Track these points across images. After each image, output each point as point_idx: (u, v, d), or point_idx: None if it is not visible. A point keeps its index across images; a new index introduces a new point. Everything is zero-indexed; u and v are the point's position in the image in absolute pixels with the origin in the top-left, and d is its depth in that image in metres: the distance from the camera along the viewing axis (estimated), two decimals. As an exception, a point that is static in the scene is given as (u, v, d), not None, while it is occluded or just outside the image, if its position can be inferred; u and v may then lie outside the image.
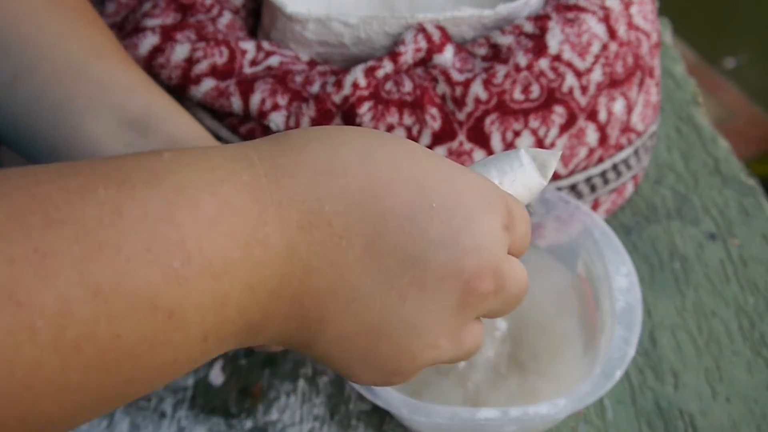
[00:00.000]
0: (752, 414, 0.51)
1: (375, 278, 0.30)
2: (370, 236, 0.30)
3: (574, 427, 0.51)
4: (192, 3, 0.58)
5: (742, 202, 0.64)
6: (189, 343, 0.28)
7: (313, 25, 0.54)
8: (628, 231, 0.62)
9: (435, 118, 0.52)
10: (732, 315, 0.57)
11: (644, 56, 0.56)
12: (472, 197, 0.32)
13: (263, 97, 0.53)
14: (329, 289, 0.30)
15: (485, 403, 0.47)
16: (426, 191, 0.31)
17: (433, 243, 0.31)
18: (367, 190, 0.30)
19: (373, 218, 0.30)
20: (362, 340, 0.31)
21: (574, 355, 0.49)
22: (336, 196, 0.30)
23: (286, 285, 0.29)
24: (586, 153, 0.55)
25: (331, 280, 0.30)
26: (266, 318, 0.30)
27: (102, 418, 0.51)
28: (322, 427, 0.51)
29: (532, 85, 0.52)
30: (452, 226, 0.31)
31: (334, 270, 0.30)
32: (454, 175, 0.32)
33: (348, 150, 0.30)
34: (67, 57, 0.46)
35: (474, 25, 0.54)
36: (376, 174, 0.30)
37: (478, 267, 0.31)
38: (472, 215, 0.31)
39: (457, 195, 0.31)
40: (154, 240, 0.26)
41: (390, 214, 0.30)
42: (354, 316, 0.31)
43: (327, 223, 0.29)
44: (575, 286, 0.52)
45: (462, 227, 0.31)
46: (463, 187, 0.32)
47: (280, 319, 0.30)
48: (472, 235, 0.31)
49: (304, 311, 0.30)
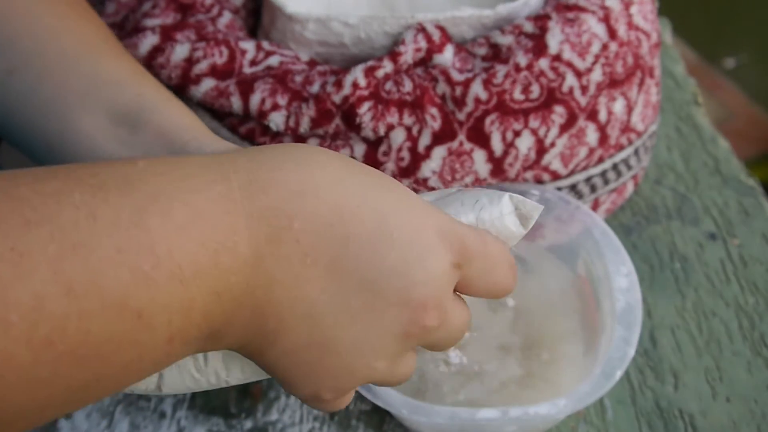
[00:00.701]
0: (752, 414, 0.51)
1: (332, 297, 0.32)
2: (333, 257, 0.32)
3: (574, 427, 0.51)
4: (192, 3, 0.58)
5: (742, 202, 0.64)
6: (155, 344, 0.29)
7: (313, 25, 0.54)
8: (628, 231, 0.62)
9: (435, 118, 0.52)
10: (732, 315, 0.57)
11: (644, 56, 0.56)
12: (430, 233, 0.34)
13: (263, 97, 0.53)
14: (289, 302, 0.32)
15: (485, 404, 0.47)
16: (388, 222, 0.33)
17: (389, 271, 0.32)
18: (336, 213, 0.32)
19: (338, 240, 0.32)
20: (310, 354, 0.33)
21: (575, 354, 0.49)
22: (306, 215, 0.31)
23: (250, 294, 0.31)
24: (586, 153, 0.55)
25: (293, 293, 0.31)
26: (228, 324, 0.31)
27: (102, 418, 0.51)
28: (322, 428, 0.51)
29: (532, 85, 0.52)
30: (407, 257, 0.33)
31: (296, 284, 0.31)
32: (416, 210, 0.34)
33: (322, 173, 0.32)
34: (60, 51, 0.46)
35: (474, 25, 0.54)
36: (345, 200, 0.32)
37: (424, 299, 0.33)
38: (427, 250, 0.33)
39: (416, 229, 0.33)
40: (125, 243, 0.27)
41: (353, 239, 0.32)
42: (307, 331, 0.32)
43: (295, 239, 0.31)
44: (575, 286, 0.52)
45: (416, 260, 0.33)
46: (422, 222, 0.34)
47: (240, 326, 0.32)
48: (423, 268, 0.33)
49: (263, 321, 0.32)
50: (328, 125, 0.52)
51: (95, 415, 0.51)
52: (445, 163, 0.53)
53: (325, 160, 0.33)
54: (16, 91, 0.46)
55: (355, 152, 0.53)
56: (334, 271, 0.32)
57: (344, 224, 0.32)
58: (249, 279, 0.30)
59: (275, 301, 0.31)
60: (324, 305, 0.32)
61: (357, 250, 0.32)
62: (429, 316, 0.34)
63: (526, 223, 0.36)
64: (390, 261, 0.32)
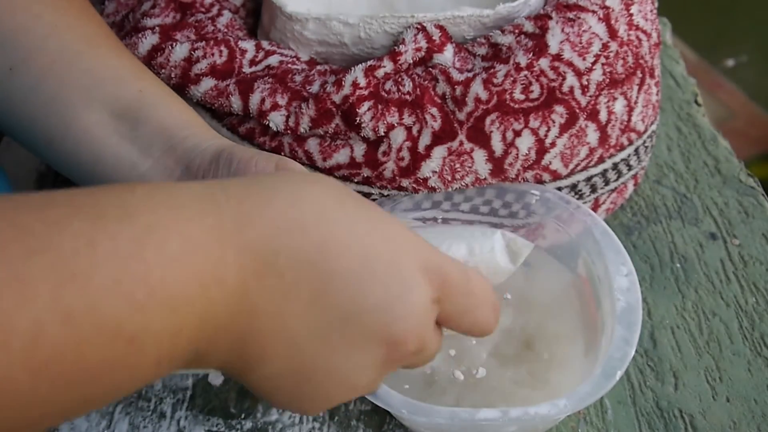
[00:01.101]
0: (752, 414, 0.51)
1: (313, 329, 0.33)
2: (316, 291, 0.33)
3: (574, 427, 0.51)
4: (191, 2, 0.58)
5: (742, 202, 0.64)
6: (144, 366, 0.30)
7: (312, 25, 0.54)
8: (628, 231, 0.62)
9: (435, 118, 0.52)
10: (732, 315, 0.57)
11: (644, 56, 0.56)
12: (412, 270, 0.35)
13: (263, 96, 0.53)
14: (271, 331, 0.33)
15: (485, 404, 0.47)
16: (373, 259, 0.33)
17: (371, 307, 0.33)
18: (321, 250, 0.33)
19: (322, 276, 0.33)
20: (290, 381, 0.35)
21: (575, 355, 0.49)
22: (292, 251, 0.32)
23: (234, 322, 0.32)
24: (587, 153, 0.55)
25: (275, 324, 0.33)
26: (211, 348, 0.32)
27: (102, 419, 0.51)
28: (322, 428, 0.50)
29: (533, 84, 0.52)
30: (389, 294, 0.34)
31: (279, 316, 0.32)
32: (402, 245, 0.35)
33: (311, 209, 0.33)
34: (61, 48, 0.47)
35: (474, 24, 0.54)
36: (332, 236, 0.33)
37: (405, 334, 0.34)
38: (409, 286, 0.34)
39: (400, 265, 0.34)
40: (122, 273, 0.28)
41: (337, 275, 0.33)
42: (288, 359, 0.34)
43: (280, 274, 0.32)
44: (575, 286, 0.52)
45: (398, 296, 0.34)
46: (406, 258, 0.35)
47: (223, 351, 0.33)
48: (405, 304, 0.34)
49: (244, 347, 0.33)
50: (328, 125, 0.52)
51: (95, 415, 0.51)
52: (445, 162, 0.52)
53: (315, 194, 0.34)
54: (17, 88, 0.46)
55: (355, 152, 0.53)
56: (317, 305, 0.33)
57: (329, 260, 0.33)
58: (233, 309, 0.31)
59: (257, 330, 0.32)
60: (305, 336, 0.33)
61: (340, 286, 0.33)
62: (408, 349, 0.35)
63: (516, 259, 0.38)
64: (372, 297, 0.33)
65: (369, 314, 0.33)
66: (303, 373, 0.34)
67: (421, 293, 0.35)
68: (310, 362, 0.34)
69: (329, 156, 0.53)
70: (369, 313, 0.33)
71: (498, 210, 0.55)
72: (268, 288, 0.32)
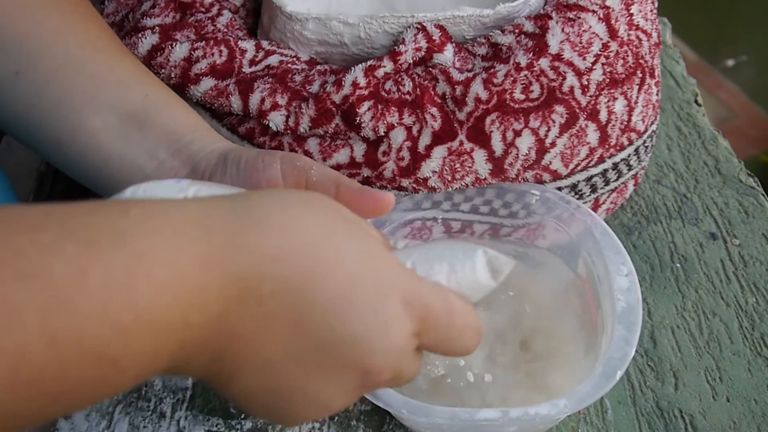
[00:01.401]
0: (752, 414, 0.51)
1: (289, 353, 0.34)
2: (295, 319, 0.33)
3: (574, 427, 0.51)
4: (191, 2, 0.58)
5: (742, 202, 0.64)
6: (124, 383, 0.31)
7: (312, 24, 0.54)
8: (628, 231, 0.62)
9: (435, 118, 0.52)
10: (732, 315, 0.57)
11: (645, 56, 0.56)
12: (394, 304, 0.35)
13: (263, 96, 0.53)
14: (247, 353, 0.33)
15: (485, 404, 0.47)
16: (356, 291, 0.34)
17: (349, 338, 0.34)
18: (304, 279, 0.33)
19: (303, 304, 0.33)
20: (264, 398, 0.35)
21: (575, 355, 0.49)
22: (275, 279, 0.32)
23: (212, 342, 0.32)
24: (587, 152, 0.55)
25: (251, 347, 0.33)
26: (190, 364, 0.33)
27: (102, 419, 0.51)
28: (322, 428, 0.50)
29: (533, 84, 0.52)
30: (368, 327, 0.34)
31: (256, 340, 0.33)
32: (386, 276, 0.35)
33: (298, 238, 0.33)
34: (66, 52, 0.47)
35: (474, 24, 0.54)
36: (316, 266, 0.33)
37: (381, 366, 0.35)
38: (390, 320, 0.35)
39: (382, 298, 0.34)
40: (111, 300, 0.29)
41: (318, 305, 0.33)
42: (262, 379, 0.34)
43: (261, 301, 0.32)
44: (576, 286, 0.52)
45: (377, 329, 0.34)
46: (389, 291, 0.35)
47: (201, 367, 0.34)
48: (383, 338, 0.34)
49: (221, 365, 0.34)
50: (327, 125, 0.52)
51: (95, 415, 0.51)
52: (445, 162, 0.52)
53: (306, 222, 0.34)
54: (23, 93, 0.47)
55: (355, 152, 0.53)
56: (295, 332, 0.33)
57: (310, 291, 0.33)
58: (212, 331, 0.32)
59: (234, 351, 0.33)
60: (280, 360, 0.34)
61: (320, 316, 0.33)
62: (383, 378, 0.36)
63: (497, 276, 0.38)
64: (351, 329, 0.34)
65: (346, 345, 0.34)
66: (278, 392, 0.35)
67: (400, 327, 0.35)
68: (285, 383, 0.35)
69: (329, 156, 0.53)
70: (346, 344, 0.34)
71: (498, 210, 0.55)
72: (248, 314, 0.32)
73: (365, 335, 0.34)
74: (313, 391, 0.35)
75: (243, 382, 0.34)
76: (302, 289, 0.33)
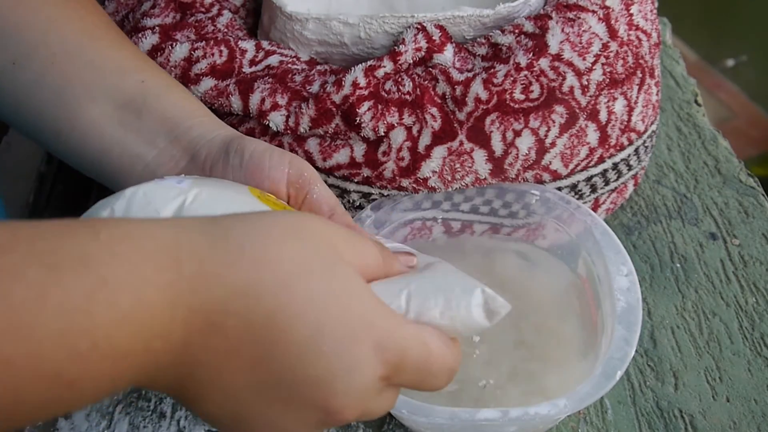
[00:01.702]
0: (752, 414, 0.51)
1: (251, 385, 0.33)
2: (259, 355, 0.33)
3: (574, 427, 0.51)
4: (191, 2, 0.58)
5: (742, 202, 0.64)
6: (82, 402, 0.31)
7: (312, 25, 0.54)
8: (628, 231, 0.62)
9: (435, 118, 0.52)
10: (732, 315, 0.57)
11: (644, 56, 0.56)
12: (365, 347, 0.34)
13: (263, 96, 0.53)
14: (209, 382, 0.33)
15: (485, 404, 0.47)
16: (323, 335, 0.33)
17: (311, 379, 0.33)
18: (271, 319, 0.32)
19: (267, 343, 0.32)
20: (228, 423, 0.35)
21: (575, 355, 0.49)
22: (242, 315, 0.32)
23: (175, 367, 0.32)
24: (587, 153, 0.55)
25: (215, 375, 0.33)
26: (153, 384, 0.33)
27: (102, 419, 0.51)
28: (322, 427, 0.50)
29: (533, 84, 0.52)
30: (332, 371, 0.33)
31: (219, 369, 0.33)
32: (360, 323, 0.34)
33: (272, 276, 0.32)
34: (62, 41, 0.47)
35: (474, 24, 0.54)
36: (285, 306, 0.32)
37: (343, 407, 0.34)
38: (356, 364, 0.34)
39: (351, 342, 0.33)
40: (68, 326, 0.29)
41: (282, 345, 0.32)
42: (223, 405, 0.34)
43: (225, 335, 0.32)
44: (576, 286, 0.52)
45: (341, 373, 0.33)
46: (360, 335, 0.34)
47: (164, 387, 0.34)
48: (348, 381, 0.34)
49: (184, 389, 0.34)
50: (327, 125, 0.52)
51: (95, 415, 0.51)
52: (445, 162, 0.52)
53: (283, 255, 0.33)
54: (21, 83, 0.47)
55: (355, 152, 0.53)
56: (257, 368, 0.33)
57: (276, 330, 0.32)
58: (175, 358, 0.32)
59: (196, 378, 0.33)
60: (242, 389, 0.33)
61: (283, 355, 0.33)
62: (346, 418, 0.35)
63: (492, 317, 0.37)
64: (314, 370, 0.33)
65: (307, 386, 0.33)
66: (239, 419, 0.35)
67: (367, 372, 0.34)
68: (245, 411, 0.34)
69: (329, 156, 0.53)
70: (308, 385, 0.33)
71: (498, 210, 0.55)
72: (212, 346, 0.32)
73: (328, 378, 0.33)
74: (275, 422, 0.35)
75: (206, 406, 0.34)
76: (267, 329, 0.32)
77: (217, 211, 0.36)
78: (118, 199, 0.38)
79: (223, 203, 0.38)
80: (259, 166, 0.43)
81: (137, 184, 0.39)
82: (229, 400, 0.34)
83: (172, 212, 0.38)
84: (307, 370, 0.33)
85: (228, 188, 0.40)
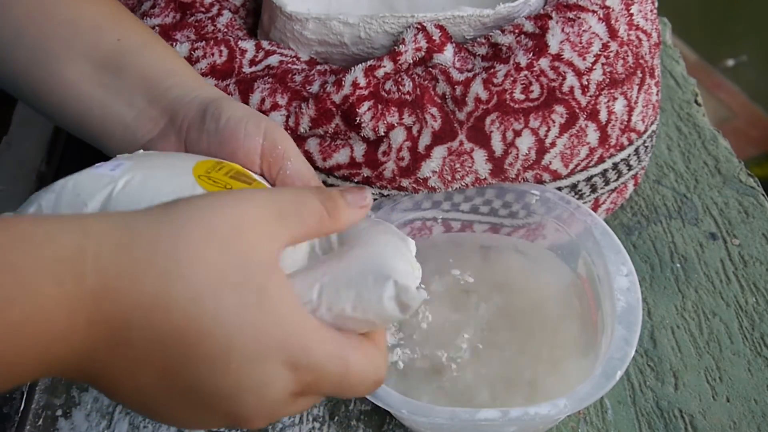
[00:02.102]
0: (752, 414, 0.51)
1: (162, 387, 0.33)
2: (168, 365, 0.32)
3: (574, 427, 0.51)
4: (191, 2, 0.58)
5: (742, 202, 0.64)
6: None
7: (312, 24, 0.54)
8: (628, 231, 0.62)
9: (435, 118, 0.52)
10: (732, 315, 0.57)
11: (645, 56, 0.56)
12: (276, 367, 0.33)
13: (263, 96, 0.53)
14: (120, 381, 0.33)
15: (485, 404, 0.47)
16: (234, 351, 0.32)
17: (220, 392, 0.33)
18: (178, 334, 0.31)
19: (177, 355, 0.32)
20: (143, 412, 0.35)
21: (575, 355, 0.49)
22: (148, 328, 0.31)
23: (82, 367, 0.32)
24: (587, 152, 0.55)
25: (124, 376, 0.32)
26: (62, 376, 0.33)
27: (102, 419, 0.51)
28: (322, 428, 0.50)
29: (533, 84, 0.52)
30: (242, 385, 0.33)
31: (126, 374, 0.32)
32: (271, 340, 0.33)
33: (182, 289, 0.31)
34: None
35: (474, 24, 0.54)
36: (194, 322, 0.31)
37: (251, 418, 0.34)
38: (265, 381, 0.33)
39: (261, 361, 0.33)
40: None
41: (191, 359, 0.32)
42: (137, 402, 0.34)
43: (132, 345, 0.31)
44: (576, 286, 0.52)
45: (250, 388, 0.33)
46: (272, 353, 0.33)
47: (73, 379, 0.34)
48: (256, 396, 0.33)
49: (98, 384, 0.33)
50: (327, 125, 0.52)
51: (95, 415, 0.51)
52: (445, 162, 0.52)
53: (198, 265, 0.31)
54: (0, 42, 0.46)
55: (355, 152, 0.53)
56: (168, 374, 0.32)
57: (183, 346, 0.31)
58: (81, 360, 0.31)
59: (108, 377, 0.32)
60: (152, 393, 0.33)
61: (193, 367, 0.32)
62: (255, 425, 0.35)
63: (405, 309, 0.36)
64: (223, 384, 0.33)
65: (217, 398, 0.33)
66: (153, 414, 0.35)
67: (277, 389, 0.33)
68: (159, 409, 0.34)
69: (329, 156, 0.53)
70: (218, 396, 0.33)
71: (498, 210, 0.55)
72: (119, 353, 0.31)
73: (237, 392, 0.33)
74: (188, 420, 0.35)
75: (119, 398, 0.34)
76: (177, 342, 0.31)
77: (144, 201, 0.35)
78: (47, 193, 0.37)
79: (152, 191, 0.36)
80: (234, 134, 0.41)
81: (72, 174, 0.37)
82: (142, 397, 0.33)
83: (100, 204, 0.36)
84: (218, 382, 0.33)
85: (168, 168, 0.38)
